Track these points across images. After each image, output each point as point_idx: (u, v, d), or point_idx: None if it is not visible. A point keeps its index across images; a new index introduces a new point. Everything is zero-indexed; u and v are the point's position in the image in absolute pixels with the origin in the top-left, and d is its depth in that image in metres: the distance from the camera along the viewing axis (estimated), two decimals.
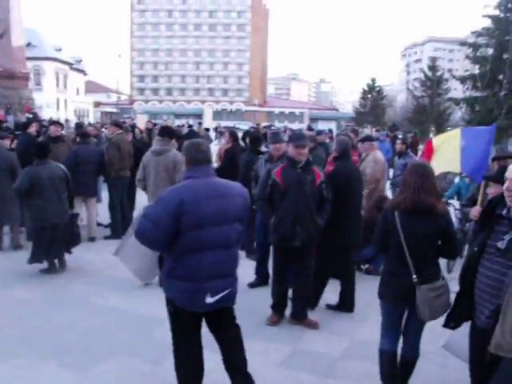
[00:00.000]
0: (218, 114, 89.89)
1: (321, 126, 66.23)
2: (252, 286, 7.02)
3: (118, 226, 9.55)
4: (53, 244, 7.42)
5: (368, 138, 8.85)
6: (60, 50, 75.87)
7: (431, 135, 47.93)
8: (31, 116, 28.70)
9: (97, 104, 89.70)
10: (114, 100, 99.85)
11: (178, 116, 70.12)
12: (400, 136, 27.89)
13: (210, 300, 3.77)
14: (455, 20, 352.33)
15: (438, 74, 56.45)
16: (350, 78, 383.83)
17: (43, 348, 5.13)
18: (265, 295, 6.25)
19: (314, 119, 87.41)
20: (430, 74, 57.20)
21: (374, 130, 49.53)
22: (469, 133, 6.60)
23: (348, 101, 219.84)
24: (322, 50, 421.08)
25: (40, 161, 7.43)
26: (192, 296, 3.78)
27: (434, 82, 55.61)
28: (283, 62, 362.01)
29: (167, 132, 7.94)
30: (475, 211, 4.83)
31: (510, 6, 31.13)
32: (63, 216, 7.52)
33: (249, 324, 4.80)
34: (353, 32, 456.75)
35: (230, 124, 46.19)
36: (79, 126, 11.95)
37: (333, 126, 71.75)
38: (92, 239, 9.43)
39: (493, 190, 4.69)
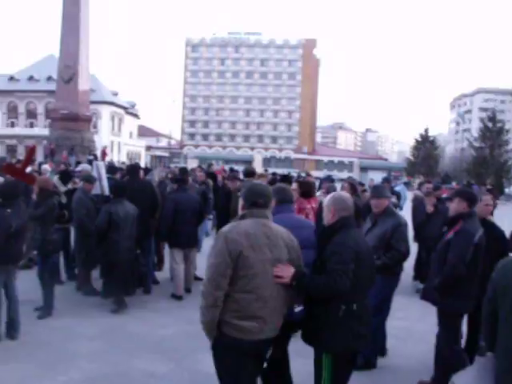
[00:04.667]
0: (267, 161, 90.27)
1: (371, 175, 65.62)
2: None
3: None
4: (123, 280, 7.76)
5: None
6: (116, 94, 78.01)
7: (488, 187, 46.78)
8: (92, 158, 29.05)
9: (148, 148, 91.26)
10: (163, 144, 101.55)
11: (228, 162, 70.31)
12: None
13: None
14: (505, 71, 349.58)
15: (499, 125, 55.39)
16: (396, 127, 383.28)
17: None
18: None
19: (363, 168, 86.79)
20: (490, 124, 56.11)
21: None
22: None
23: (394, 150, 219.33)
24: (368, 99, 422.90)
25: (117, 199, 7.86)
26: None
27: (494, 133, 54.57)
28: (329, 111, 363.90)
29: (287, 179, 8.94)
30: None
31: None
32: (132, 253, 7.95)
33: None
34: (400, 83, 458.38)
35: (279, 171, 45.95)
36: (183, 171, 11.43)
37: (383, 176, 70.92)
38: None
39: None
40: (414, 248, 10.44)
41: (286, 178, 9.71)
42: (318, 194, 9.26)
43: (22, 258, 7.04)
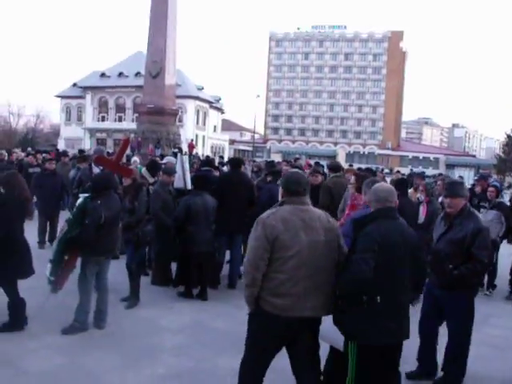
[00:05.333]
0: (350, 157, 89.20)
1: (458, 173, 63.56)
2: None
3: None
4: (195, 271, 7.91)
5: None
6: (202, 88, 79.17)
7: None
8: (177, 151, 29.58)
9: (231, 142, 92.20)
10: (246, 138, 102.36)
11: (311, 157, 69.92)
12: None
13: None
14: None
15: None
16: (484, 123, 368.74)
17: None
18: None
19: (450, 165, 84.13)
20: None
21: None
22: None
23: (482, 147, 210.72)
24: (456, 93, 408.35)
25: (196, 191, 8.03)
26: None
27: None
28: (415, 106, 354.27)
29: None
30: None
31: None
32: (210, 245, 7.99)
33: None
34: (490, 75, 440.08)
35: (363, 167, 45.08)
36: (271, 164, 11.43)
37: (470, 173, 68.57)
38: None
39: None
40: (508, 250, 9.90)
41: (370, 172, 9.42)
42: (409, 191, 8.79)
43: (114, 250, 7.09)
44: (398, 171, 18.94)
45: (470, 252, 4.97)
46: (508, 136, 77.31)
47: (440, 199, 9.14)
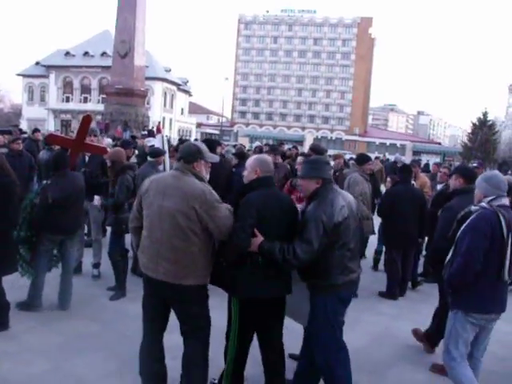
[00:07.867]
0: (318, 142, 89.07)
1: (424, 159, 63.96)
2: None
3: None
4: None
5: None
6: (169, 70, 77.86)
7: None
8: (146, 133, 28.82)
9: (198, 125, 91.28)
10: (213, 122, 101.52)
11: (278, 141, 69.49)
12: None
13: None
14: None
15: None
16: (448, 111, 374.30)
17: None
18: None
19: (416, 152, 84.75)
20: None
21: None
22: None
23: (445, 134, 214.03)
24: (422, 81, 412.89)
25: None
26: None
27: None
28: (381, 92, 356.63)
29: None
30: None
31: None
32: None
33: None
34: (455, 64, 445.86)
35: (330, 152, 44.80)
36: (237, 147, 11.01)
37: (436, 160, 69.11)
38: None
39: None
40: None
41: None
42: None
43: (76, 231, 6.53)
44: (377, 157, 18.45)
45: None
46: (474, 124, 78.07)
47: (439, 187, 8.82)
